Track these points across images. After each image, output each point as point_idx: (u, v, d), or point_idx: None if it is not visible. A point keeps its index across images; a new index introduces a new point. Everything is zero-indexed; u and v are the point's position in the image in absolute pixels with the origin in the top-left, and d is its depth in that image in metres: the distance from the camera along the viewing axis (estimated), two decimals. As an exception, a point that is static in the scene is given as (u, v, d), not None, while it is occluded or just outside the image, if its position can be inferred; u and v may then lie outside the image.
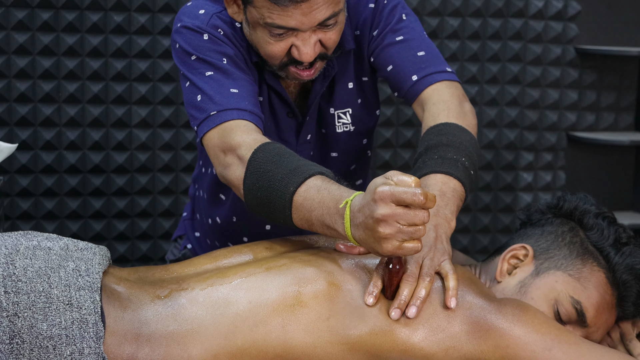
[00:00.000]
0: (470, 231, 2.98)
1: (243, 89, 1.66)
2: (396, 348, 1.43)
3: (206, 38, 1.70)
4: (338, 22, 1.65)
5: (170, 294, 1.46)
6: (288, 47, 1.65)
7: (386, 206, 1.31)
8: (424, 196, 1.31)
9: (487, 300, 1.46)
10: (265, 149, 1.54)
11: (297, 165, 1.50)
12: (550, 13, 2.87)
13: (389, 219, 1.32)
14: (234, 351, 1.42)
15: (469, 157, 1.60)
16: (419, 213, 1.32)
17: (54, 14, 2.59)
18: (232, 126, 1.62)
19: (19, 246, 1.45)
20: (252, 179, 1.53)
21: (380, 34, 1.78)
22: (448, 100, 1.70)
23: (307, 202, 1.45)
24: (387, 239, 1.33)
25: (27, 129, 2.64)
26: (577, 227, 1.69)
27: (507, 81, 2.91)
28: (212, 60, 1.68)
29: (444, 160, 1.56)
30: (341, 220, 1.41)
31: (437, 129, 1.63)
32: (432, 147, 1.59)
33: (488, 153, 2.94)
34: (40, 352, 1.36)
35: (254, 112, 1.65)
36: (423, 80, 1.74)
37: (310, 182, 1.46)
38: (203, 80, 1.68)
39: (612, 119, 2.97)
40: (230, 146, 1.60)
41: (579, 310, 1.60)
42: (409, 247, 1.35)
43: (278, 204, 1.49)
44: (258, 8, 1.60)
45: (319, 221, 1.44)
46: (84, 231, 2.74)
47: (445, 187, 1.54)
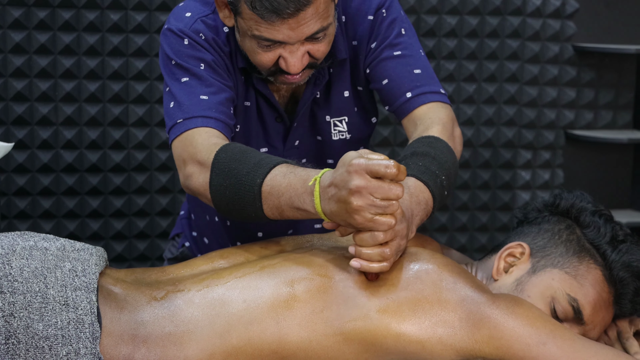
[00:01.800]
0: (468, 229, 2.98)
1: (213, 96, 1.67)
2: (390, 334, 1.43)
3: (186, 43, 1.70)
4: (327, 34, 1.65)
5: (166, 295, 1.47)
6: (276, 58, 1.65)
7: (360, 177, 1.33)
8: (397, 168, 1.33)
9: (481, 292, 1.47)
10: (227, 149, 1.55)
11: (260, 158, 1.51)
12: (548, 11, 2.87)
13: (363, 191, 1.33)
14: (230, 350, 1.42)
15: (448, 177, 1.59)
16: (394, 187, 1.34)
17: (51, 12, 2.59)
18: (194, 134, 1.63)
19: (16, 246, 1.45)
20: (218, 179, 1.54)
21: (378, 47, 1.78)
22: (444, 119, 1.70)
23: (275, 190, 1.46)
24: (360, 210, 1.34)
25: (23, 127, 2.63)
26: (574, 224, 1.69)
27: (505, 79, 2.91)
28: (189, 66, 1.69)
29: (427, 171, 1.55)
30: (310, 197, 1.42)
31: (428, 140, 1.63)
32: (419, 154, 1.59)
33: (486, 151, 2.94)
34: (36, 352, 1.36)
35: (220, 119, 1.65)
36: (417, 98, 1.74)
37: (275, 171, 1.48)
38: (178, 87, 1.69)
39: (610, 117, 2.97)
40: (190, 155, 1.61)
41: (575, 308, 1.60)
42: (381, 220, 1.36)
43: (247, 198, 1.49)
44: (246, 20, 1.61)
45: (288, 205, 1.45)
46: (81, 230, 2.74)
47: (421, 196, 1.53)
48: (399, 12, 1.81)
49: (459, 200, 2.96)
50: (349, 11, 1.79)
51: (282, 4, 1.55)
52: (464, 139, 2.91)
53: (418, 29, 2.83)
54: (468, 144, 2.93)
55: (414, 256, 1.50)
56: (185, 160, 1.62)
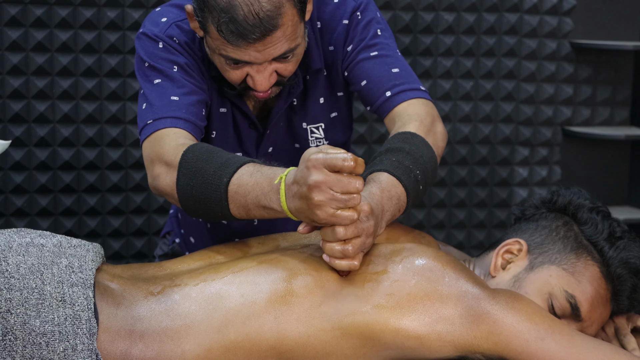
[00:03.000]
0: (465, 226, 2.98)
1: (184, 97, 1.67)
2: (388, 329, 1.43)
3: (161, 46, 1.71)
4: (296, 54, 1.66)
5: (163, 290, 1.47)
6: (244, 75, 1.66)
7: (319, 172, 1.33)
8: (354, 160, 1.33)
9: (480, 288, 1.47)
10: (194, 149, 1.55)
11: (227, 158, 1.51)
12: (545, 7, 2.87)
13: (322, 185, 1.33)
14: (228, 345, 1.42)
15: (424, 172, 1.58)
16: (353, 180, 1.34)
17: (47, 10, 2.58)
18: (163, 135, 1.63)
19: (12, 243, 1.45)
20: (185, 179, 1.54)
21: (354, 49, 1.78)
22: (422, 115, 1.70)
23: (241, 189, 1.47)
24: (321, 205, 1.35)
25: (20, 125, 2.63)
26: (571, 221, 1.69)
27: (502, 76, 2.91)
28: (162, 67, 1.70)
29: (400, 166, 1.55)
30: (276, 196, 1.42)
31: (404, 135, 1.62)
32: (393, 150, 1.58)
33: (483, 148, 2.94)
34: (33, 348, 1.36)
35: (189, 120, 1.65)
36: (397, 97, 1.74)
37: (242, 170, 1.48)
38: (150, 88, 1.70)
39: (608, 113, 2.97)
40: (158, 155, 1.61)
41: (573, 305, 1.60)
42: (343, 215, 1.36)
43: (214, 197, 1.50)
44: (214, 39, 1.62)
45: (254, 204, 1.46)
46: (78, 228, 2.74)
47: (393, 191, 1.52)
48: (374, 14, 1.81)
49: (456, 197, 2.96)
50: (323, 17, 1.79)
51: (248, 29, 1.55)
52: (461, 135, 2.91)
53: (415, 26, 2.83)
54: (465, 140, 2.93)
55: (415, 252, 1.50)
56: (153, 161, 1.62)
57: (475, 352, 1.45)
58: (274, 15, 1.55)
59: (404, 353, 1.45)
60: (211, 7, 1.56)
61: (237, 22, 1.55)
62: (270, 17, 1.55)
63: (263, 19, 1.55)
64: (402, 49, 2.82)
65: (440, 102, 2.89)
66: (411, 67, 2.65)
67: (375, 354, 1.45)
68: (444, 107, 2.89)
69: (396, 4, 2.80)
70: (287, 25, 1.59)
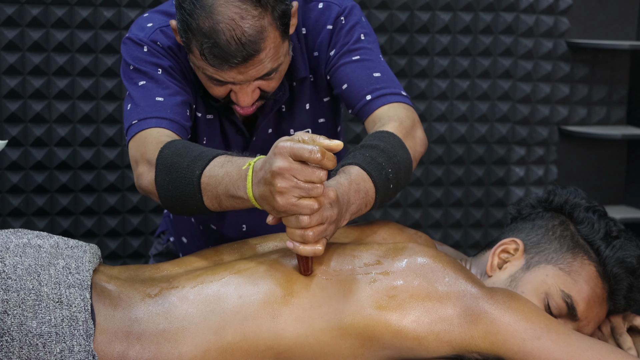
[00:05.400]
0: (462, 226, 2.98)
1: (169, 98, 1.68)
2: (388, 330, 1.43)
3: (145, 50, 1.73)
4: (279, 71, 1.67)
5: (160, 292, 1.46)
6: (227, 92, 1.68)
7: (284, 159, 1.33)
8: (322, 154, 1.32)
9: (478, 287, 1.47)
10: (170, 145, 1.56)
11: (201, 151, 1.52)
12: (541, 7, 2.87)
13: (285, 172, 1.33)
14: (225, 346, 1.42)
15: (396, 172, 1.57)
16: (317, 170, 1.33)
17: (44, 9, 2.58)
18: (146, 134, 1.64)
19: (9, 244, 1.45)
20: (161, 175, 1.54)
21: (337, 54, 1.78)
22: (402, 117, 1.69)
23: (213, 180, 1.47)
24: (283, 193, 1.34)
25: (17, 125, 2.63)
26: (568, 220, 1.69)
27: (498, 75, 2.91)
28: (147, 70, 1.71)
29: (372, 161, 1.54)
30: (244, 183, 1.42)
31: (381, 134, 1.61)
32: (367, 147, 1.57)
33: (480, 147, 2.94)
34: (30, 349, 1.36)
35: (174, 120, 1.66)
36: (377, 100, 1.73)
37: (214, 162, 1.48)
38: (135, 90, 1.71)
39: (604, 112, 2.98)
40: (141, 154, 1.62)
41: (569, 304, 1.60)
42: (304, 204, 1.35)
43: (188, 191, 1.50)
44: (197, 60, 1.63)
45: (225, 194, 1.46)
46: (75, 228, 2.73)
47: (362, 184, 1.51)
48: (359, 19, 1.81)
49: (452, 197, 2.96)
50: (308, 23, 1.80)
51: (229, 54, 1.57)
52: (457, 135, 2.92)
53: (411, 25, 2.83)
54: (462, 140, 2.93)
55: (415, 252, 1.50)
56: (137, 160, 1.63)
57: (472, 352, 1.45)
58: (256, 40, 1.57)
59: (401, 353, 1.45)
60: (194, 30, 1.58)
61: (219, 47, 1.56)
62: (252, 41, 1.56)
63: (245, 44, 1.56)
64: (398, 48, 2.82)
65: (436, 101, 2.89)
66: (408, 67, 2.65)
67: (373, 354, 1.46)
68: (440, 106, 2.89)
69: (392, 3, 2.80)
70: (270, 47, 1.60)
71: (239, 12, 1.55)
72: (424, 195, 2.94)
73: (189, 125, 1.70)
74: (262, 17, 1.57)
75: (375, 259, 1.49)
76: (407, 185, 1.69)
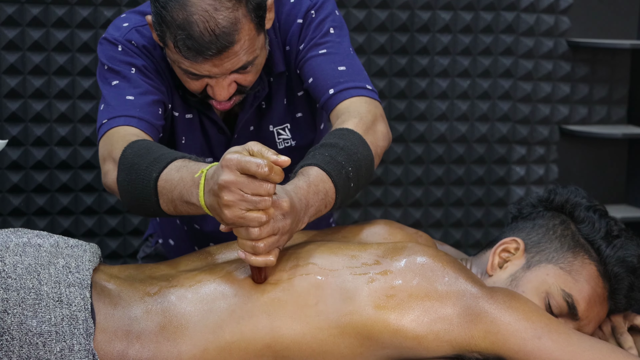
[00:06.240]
0: (463, 225, 2.98)
1: (140, 97, 1.68)
2: (387, 329, 1.43)
3: (120, 49, 1.73)
4: (255, 65, 1.67)
5: (160, 291, 1.47)
6: (204, 86, 1.68)
7: (230, 173, 1.32)
8: (269, 168, 1.31)
9: (478, 286, 1.47)
10: (133, 145, 1.56)
11: (161, 153, 1.51)
12: (542, 6, 2.87)
13: (232, 186, 1.32)
14: (223, 345, 1.42)
15: (356, 170, 1.56)
16: (264, 184, 1.32)
17: (44, 9, 2.58)
18: (115, 133, 1.64)
19: (9, 243, 1.45)
20: (122, 175, 1.55)
21: (305, 47, 1.78)
22: (363, 113, 1.68)
23: (168, 184, 1.46)
24: (229, 206, 1.33)
25: (17, 125, 2.63)
26: (569, 220, 1.69)
27: (499, 75, 2.90)
28: (120, 69, 1.72)
29: (332, 161, 1.53)
30: (197, 191, 1.41)
31: (340, 132, 1.60)
32: (327, 145, 1.56)
33: (480, 147, 2.94)
34: (30, 348, 1.36)
35: (143, 118, 1.66)
36: (340, 94, 1.72)
37: (171, 165, 1.48)
38: (108, 90, 1.71)
39: (605, 112, 2.97)
40: (108, 153, 1.62)
41: (570, 304, 1.60)
42: (250, 216, 1.34)
43: (145, 193, 1.50)
44: (172, 53, 1.63)
45: (179, 199, 1.45)
46: (75, 227, 2.73)
47: (321, 185, 1.50)
48: (330, 12, 1.80)
49: (453, 196, 2.96)
50: (280, 17, 1.80)
51: (204, 45, 1.57)
52: (458, 134, 2.91)
53: (412, 24, 2.83)
54: (462, 139, 2.93)
55: (416, 251, 1.50)
56: (105, 159, 1.64)
57: (473, 351, 1.45)
58: (229, 32, 1.57)
59: (401, 352, 1.45)
60: (168, 23, 1.58)
61: (193, 39, 1.56)
62: (226, 33, 1.56)
63: (219, 36, 1.56)
64: (398, 47, 2.82)
65: (437, 100, 2.89)
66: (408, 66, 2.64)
67: (372, 353, 1.45)
68: (440, 105, 2.89)
69: (393, 2, 2.80)
70: (244, 39, 1.60)
71: (213, 3, 1.55)
72: (425, 194, 2.94)
73: (159, 124, 1.70)
74: (236, 8, 1.57)
75: (374, 258, 1.49)
76: (369, 182, 1.67)
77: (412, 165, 2.91)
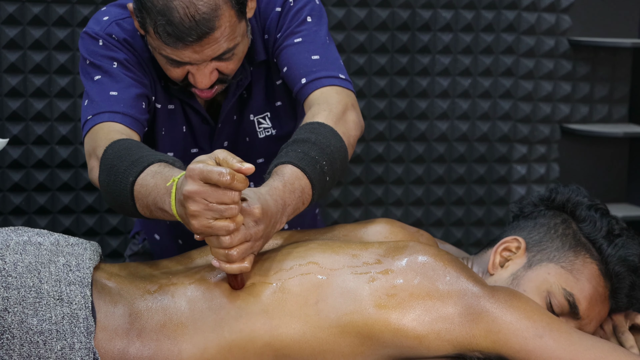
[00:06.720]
0: (464, 224, 2.98)
1: (123, 92, 1.69)
2: (388, 329, 1.43)
3: (101, 44, 1.73)
4: (236, 53, 1.67)
5: (160, 288, 1.47)
6: (185, 73, 1.68)
7: (194, 183, 1.32)
8: (231, 176, 1.30)
9: (480, 286, 1.47)
10: (114, 145, 1.56)
11: (140, 156, 1.51)
12: (543, 5, 2.86)
13: (196, 196, 1.32)
14: (223, 343, 1.42)
15: (331, 163, 1.56)
16: (229, 192, 1.32)
17: (45, 8, 2.58)
18: (99, 129, 1.64)
19: (9, 241, 1.45)
20: (103, 175, 1.55)
21: (282, 36, 1.78)
22: (333, 104, 1.67)
23: (144, 189, 1.47)
24: (195, 216, 1.33)
25: (18, 123, 2.63)
26: (570, 219, 1.69)
27: (500, 73, 2.90)
28: (102, 64, 1.72)
29: (305, 157, 1.52)
30: (169, 199, 1.41)
31: (311, 126, 1.60)
32: (299, 141, 1.56)
33: (481, 146, 2.94)
34: (31, 347, 1.36)
35: (127, 113, 1.66)
36: (311, 84, 1.72)
37: (147, 170, 1.48)
38: (91, 85, 1.71)
39: (606, 110, 2.97)
40: (93, 149, 1.63)
41: (571, 303, 1.60)
42: (217, 225, 1.34)
43: (123, 196, 1.51)
44: (153, 39, 1.63)
45: (154, 205, 1.45)
46: (76, 226, 2.73)
47: (297, 183, 1.50)
48: (308, 1, 1.79)
49: (454, 195, 2.96)
50: (260, 5, 1.80)
51: (184, 32, 1.57)
52: (459, 133, 2.91)
53: (413, 23, 2.83)
54: (463, 138, 2.93)
55: (416, 250, 1.50)
56: (90, 155, 1.64)
57: (474, 350, 1.45)
58: (210, 18, 1.57)
59: (402, 351, 1.45)
60: (148, 9, 1.58)
61: (173, 24, 1.56)
62: (206, 19, 1.56)
63: (199, 22, 1.56)
64: (399, 46, 2.82)
65: (438, 99, 2.89)
66: (409, 65, 2.64)
67: (373, 352, 1.45)
68: (442, 104, 2.89)
69: (394, 1, 2.80)
70: (225, 26, 1.60)
71: None
72: (426, 193, 2.94)
73: (144, 118, 1.70)
74: None
75: (376, 257, 1.49)
76: (344, 173, 1.67)
77: (413, 164, 2.91)
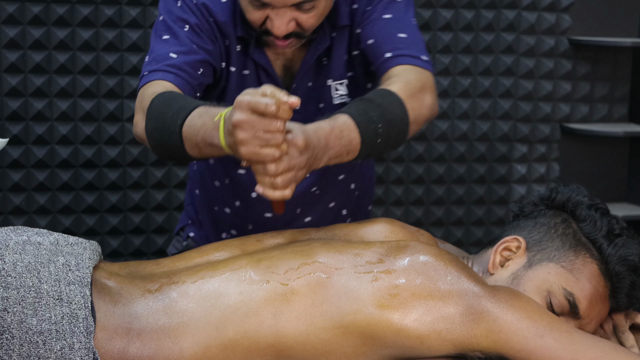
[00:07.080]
0: (464, 223, 2.98)
1: (183, 55, 1.73)
2: (390, 329, 1.43)
3: (179, 5, 1.77)
4: (316, 7, 1.69)
5: (160, 287, 1.46)
6: (264, 17, 1.70)
7: (242, 112, 1.38)
8: (277, 106, 1.36)
9: (480, 285, 1.46)
10: (161, 95, 1.62)
11: (185, 102, 1.57)
12: (543, 4, 2.86)
13: (244, 125, 1.38)
14: (226, 343, 1.42)
15: (387, 129, 1.58)
16: (274, 121, 1.38)
17: (45, 7, 2.58)
18: (151, 86, 1.69)
19: (9, 241, 1.45)
20: (150, 124, 1.61)
21: (372, 9, 1.80)
22: (412, 81, 1.69)
23: (192, 129, 1.52)
24: (244, 143, 1.39)
25: (18, 123, 2.63)
26: (570, 218, 1.69)
27: (500, 73, 2.90)
28: (172, 25, 1.76)
29: (363, 114, 1.55)
30: (217, 133, 1.47)
31: (382, 91, 1.63)
32: (364, 100, 1.59)
33: (482, 145, 2.94)
34: (30, 347, 1.36)
35: (180, 75, 1.71)
36: (394, 59, 1.74)
37: (194, 112, 1.54)
38: (157, 43, 1.76)
39: (606, 110, 2.97)
40: (140, 103, 1.68)
41: (571, 302, 1.60)
42: (264, 152, 1.40)
43: (172, 139, 1.56)
44: None
45: (203, 142, 1.51)
46: (76, 226, 2.73)
47: (345, 132, 1.53)
48: None
49: (454, 194, 2.96)
50: None
51: None
52: (459, 132, 2.91)
53: (413, 22, 2.83)
54: (464, 137, 2.93)
55: (417, 250, 1.50)
56: (137, 109, 1.69)
57: (475, 350, 1.45)
58: None
59: (403, 352, 1.45)
60: None
61: None
62: None
63: None
64: (400, 46, 2.82)
65: (439, 99, 2.89)
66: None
67: (375, 352, 1.45)
68: (442, 104, 2.89)
69: (394, 0, 2.80)
70: None
71: None
72: (426, 192, 2.94)
73: (196, 82, 1.74)
74: None
75: (377, 257, 1.49)
76: (402, 144, 1.68)
77: (413, 164, 2.91)
